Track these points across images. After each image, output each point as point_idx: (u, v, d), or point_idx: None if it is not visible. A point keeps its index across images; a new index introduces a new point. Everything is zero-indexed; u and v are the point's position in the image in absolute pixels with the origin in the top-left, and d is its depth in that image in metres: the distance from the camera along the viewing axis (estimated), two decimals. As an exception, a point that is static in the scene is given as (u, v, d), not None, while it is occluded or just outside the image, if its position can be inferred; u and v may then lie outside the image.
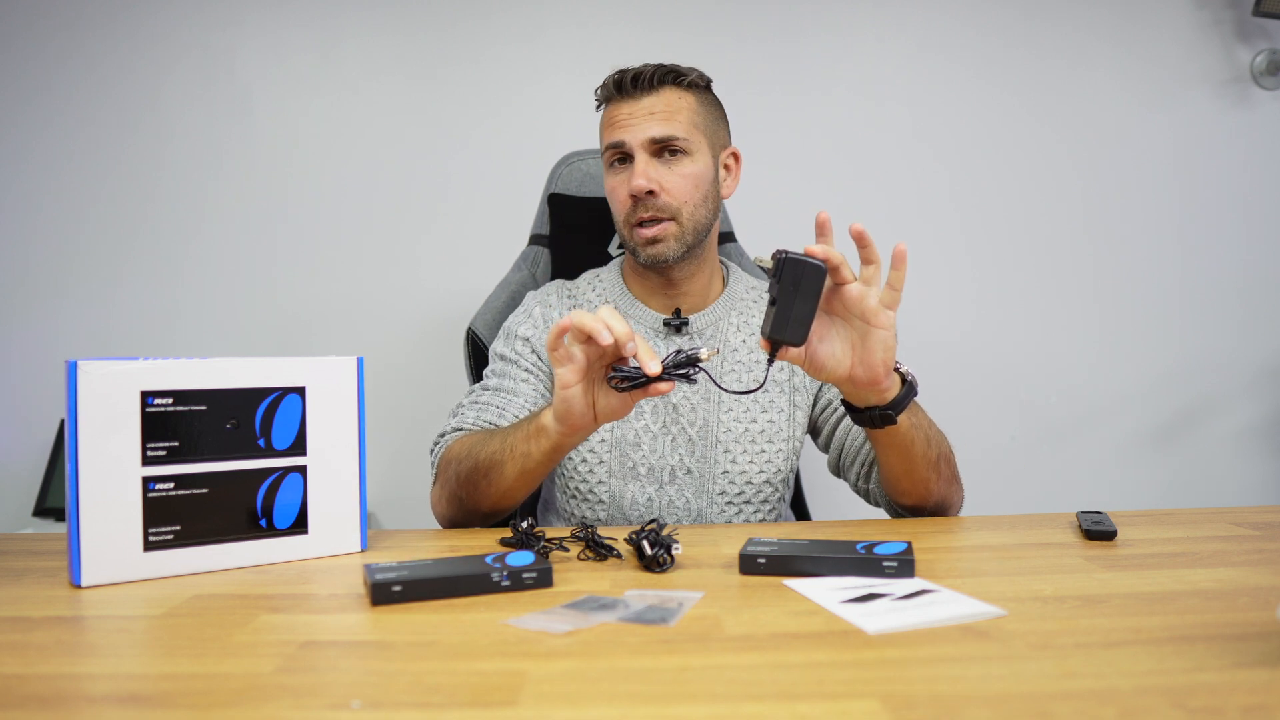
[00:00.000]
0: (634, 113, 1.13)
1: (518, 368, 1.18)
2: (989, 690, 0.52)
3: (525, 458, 0.96)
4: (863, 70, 2.09)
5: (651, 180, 1.11)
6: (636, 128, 1.12)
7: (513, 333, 1.21)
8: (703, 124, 1.16)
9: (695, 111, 1.15)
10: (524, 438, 0.96)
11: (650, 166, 1.12)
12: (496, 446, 0.99)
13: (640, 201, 1.12)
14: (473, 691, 0.53)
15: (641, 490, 1.15)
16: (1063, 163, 2.12)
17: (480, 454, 1.00)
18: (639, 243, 1.14)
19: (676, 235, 1.13)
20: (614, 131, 1.14)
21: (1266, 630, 0.61)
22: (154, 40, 2.00)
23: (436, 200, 2.04)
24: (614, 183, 1.16)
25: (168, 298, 2.01)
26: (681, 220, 1.13)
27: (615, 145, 1.14)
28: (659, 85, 1.13)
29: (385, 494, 1.91)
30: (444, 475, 1.06)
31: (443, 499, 1.07)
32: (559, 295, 1.24)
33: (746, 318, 1.23)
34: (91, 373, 0.76)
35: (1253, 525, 0.98)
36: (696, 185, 1.14)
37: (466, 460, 1.02)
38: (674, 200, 1.12)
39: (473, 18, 2.03)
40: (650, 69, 1.13)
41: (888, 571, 0.76)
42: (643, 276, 1.21)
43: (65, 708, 0.51)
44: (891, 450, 1.01)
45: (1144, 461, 2.14)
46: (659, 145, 1.12)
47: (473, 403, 1.16)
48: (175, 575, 0.79)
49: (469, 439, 1.05)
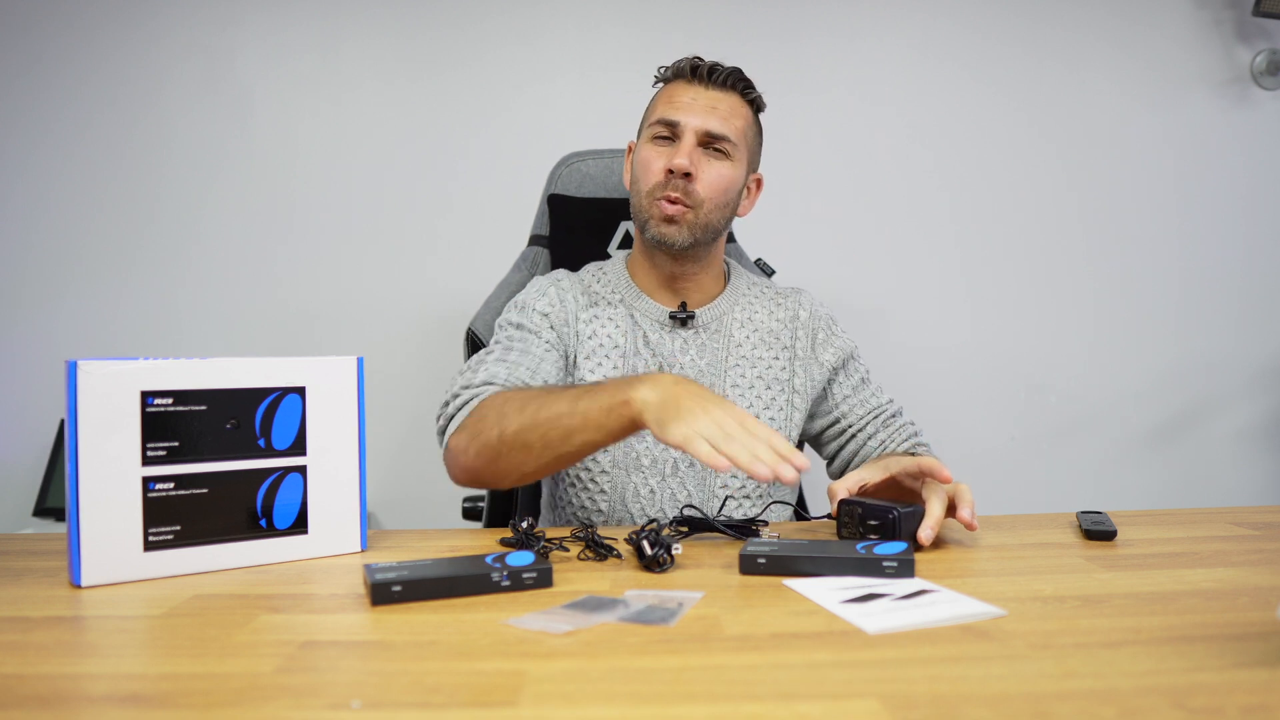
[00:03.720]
0: (698, 99, 1.14)
1: (538, 339, 1.15)
2: (989, 690, 0.52)
3: (599, 430, 0.91)
4: (862, 71, 2.09)
5: (693, 164, 1.12)
6: (697, 114, 1.13)
7: (529, 306, 1.19)
8: (748, 140, 1.18)
9: (748, 125, 1.18)
10: (603, 410, 0.91)
11: (695, 153, 1.13)
12: (564, 409, 0.93)
13: (673, 179, 1.12)
14: (473, 691, 0.53)
15: (644, 482, 1.16)
16: (1062, 163, 2.12)
17: (541, 414, 0.94)
18: (655, 215, 1.14)
19: (691, 224, 1.13)
20: (673, 109, 1.14)
21: (1266, 630, 0.61)
22: (155, 41, 2.00)
23: (436, 201, 2.04)
24: (651, 154, 1.15)
25: (168, 298, 2.01)
26: (701, 213, 1.14)
27: (669, 122, 1.14)
28: (729, 86, 1.16)
29: (385, 494, 1.91)
30: (481, 426, 0.98)
31: (476, 452, 0.99)
32: (570, 283, 1.22)
33: (750, 313, 1.23)
34: (91, 373, 0.76)
35: (1253, 525, 0.98)
36: (726, 189, 1.15)
37: (520, 415, 0.95)
38: (702, 192, 1.13)
39: (473, 18, 2.03)
40: (727, 68, 1.16)
41: (888, 572, 0.76)
42: (649, 269, 1.21)
43: (65, 708, 0.51)
44: None
45: (1144, 461, 2.14)
46: (710, 139, 1.13)
47: (499, 360, 1.09)
48: (175, 575, 0.79)
49: (519, 394, 0.99)
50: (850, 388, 1.23)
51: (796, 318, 1.23)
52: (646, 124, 1.19)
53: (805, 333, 1.23)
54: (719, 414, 0.85)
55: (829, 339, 1.24)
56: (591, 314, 1.19)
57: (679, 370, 1.17)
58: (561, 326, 1.17)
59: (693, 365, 1.17)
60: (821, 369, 1.22)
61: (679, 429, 0.84)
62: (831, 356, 1.22)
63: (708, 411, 0.85)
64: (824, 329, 1.24)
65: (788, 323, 1.23)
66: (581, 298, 1.21)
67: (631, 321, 1.19)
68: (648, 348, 1.18)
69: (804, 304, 1.25)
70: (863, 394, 1.23)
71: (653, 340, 1.18)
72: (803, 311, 1.24)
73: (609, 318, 1.19)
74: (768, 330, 1.22)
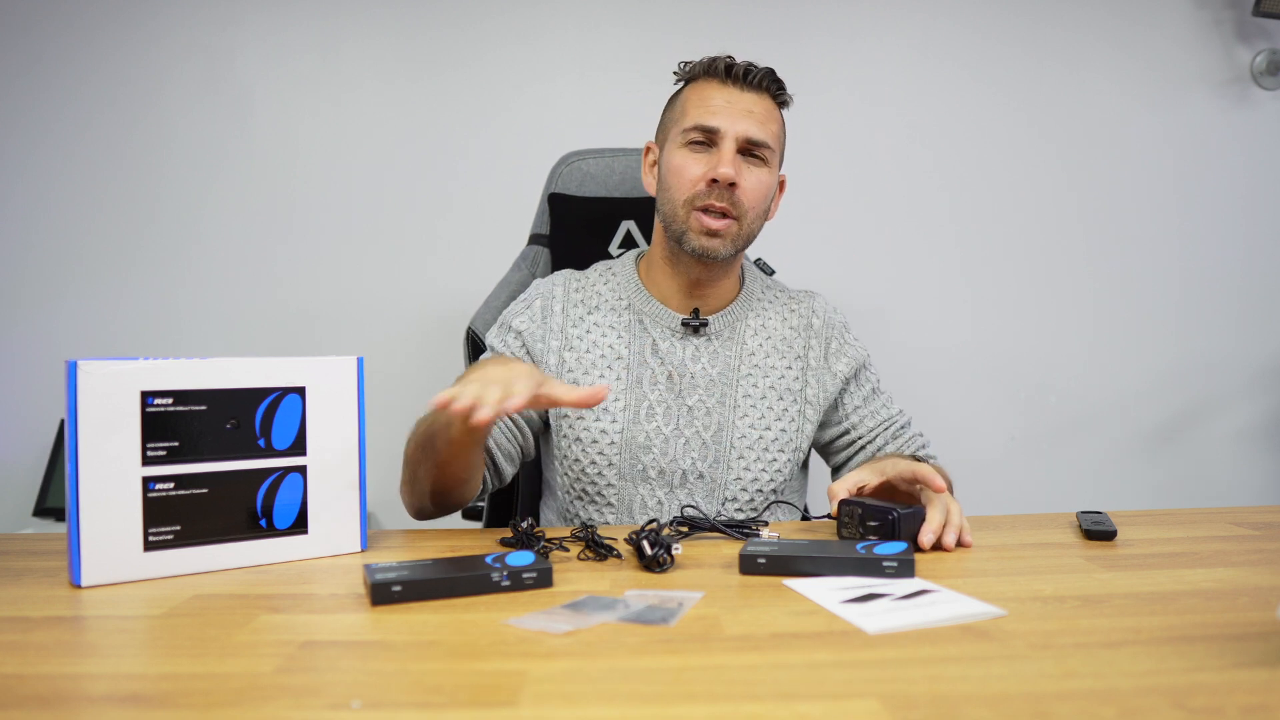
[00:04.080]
0: (734, 102, 1.11)
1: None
2: (989, 690, 0.52)
3: (447, 428, 0.92)
4: (862, 71, 2.09)
5: (737, 173, 1.09)
6: (737, 120, 1.10)
7: (507, 324, 1.19)
8: (780, 143, 1.16)
9: (780, 128, 1.16)
10: (433, 409, 0.91)
11: (736, 161, 1.10)
12: (424, 417, 0.98)
13: (717, 189, 1.09)
14: (473, 691, 0.53)
15: (651, 493, 1.14)
16: (1062, 163, 2.12)
17: (418, 430, 1.00)
18: (698, 229, 1.10)
19: (734, 236, 1.11)
20: (711, 115, 1.10)
21: (1266, 630, 0.61)
22: (155, 41, 2.00)
23: (436, 200, 2.04)
24: (689, 161, 1.11)
25: (168, 298, 2.01)
26: (744, 224, 1.12)
27: (708, 129, 1.10)
28: (763, 88, 1.13)
29: (385, 494, 1.90)
30: (404, 462, 1.05)
31: (403, 485, 1.06)
32: (565, 290, 1.20)
33: (764, 320, 1.21)
34: (91, 373, 0.76)
35: (1253, 525, 0.98)
36: (764, 197, 1.13)
37: (412, 438, 1.02)
38: (746, 201, 1.11)
39: (473, 18, 2.03)
40: (762, 69, 1.12)
41: (888, 572, 0.76)
42: (670, 275, 1.17)
43: (65, 708, 0.51)
44: None
45: (1144, 461, 2.14)
46: (750, 146, 1.11)
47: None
48: (175, 575, 0.79)
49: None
50: (861, 398, 1.21)
51: (810, 325, 1.21)
52: (677, 126, 1.13)
53: (819, 341, 1.20)
54: (489, 373, 0.86)
55: (841, 348, 1.21)
56: (590, 322, 1.17)
57: (690, 380, 1.15)
58: (536, 344, 1.16)
59: (704, 374, 1.15)
60: (834, 379, 1.20)
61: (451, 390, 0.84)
62: (844, 367, 1.20)
63: (482, 370, 0.89)
64: (836, 338, 1.22)
65: (801, 330, 1.20)
66: (577, 307, 1.18)
67: (640, 328, 1.17)
68: (656, 356, 1.15)
69: (817, 310, 1.22)
70: (873, 405, 1.21)
71: (662, 348, 1.15)
72: (815, 319, 1.22)
73: (610, 325, 1.17)
74: (781, 338, 1.20)
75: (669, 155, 1.14)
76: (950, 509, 0.92)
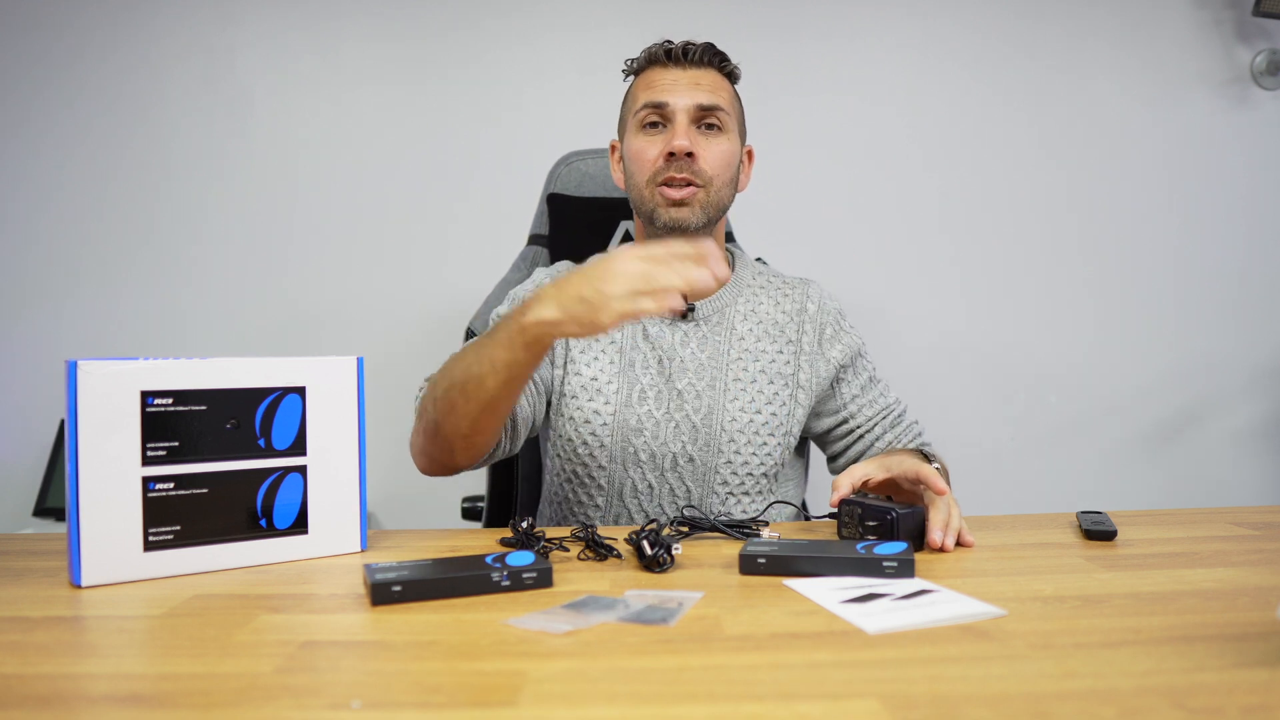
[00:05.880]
0: (679, 80, 1.13)
1: None
2: (989, 690, 0.52)
3: (509, 367, 0.90)
4: (862, 71, 2.09)
5: (693, 143, 1.11)
6: (683, 93, 1.12)
7: (518, 297, 1.21)
8: (736, 111, 1.18)
9: (733, 97, 1.18)
10: (502, 345, 0.90)
11: (691, 131, 1.12)
12: (472, 359, 0.94)
13: (676, 161, 1.11)
14: (473, 691, 0.53)
15: (642, 477, 1.15)
16: (1062, 163, 2.12)
17: (456, 372, 0.96)
18: (663, 202, 1.12)
19: (702, 204, 1.13)
20: (656, 92, 1.13)
21: (1266, 630, 0.61)
22: (155, 41, 2.00)
23: (436, 200, 2.04)
24: (644, 143, 1.13)
25: (168, 298, 2.01)
26: (710, 191, 1.13)
27: (657, 105, 1.12)
28: (706, 63, 1.15)
29: (385, 494, 1.91)
30: (422, 409, 1.02)
31: (422, 432, 1.02)
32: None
33: (754, 304, 1.21)
34: (91, 373, 0.76)
35: (1253, 525, 0.98)
36: (728, 163, 1.15)
37: (443, 380, 0.98)
38: (708, 169, 1.12)
39: (472, 19, 2.03)
40: (701, 45, 1.15)
41: (888, 572, 0.76)
42: None
43: (65, 708, 0.51)
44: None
45: (1144, 461, 2.14)
46: (702, 114, 1.12)
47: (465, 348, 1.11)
48: (175, 575, 0.79)
49: (444, 365, 1.01)
50: (859, 387, 1.21)
51: (804, 310, 1.21)
52: (630, 115, 1.17)
53: (813, 326, 1.20)
54: (620, 267, 0.82)
55: (837, 334, 1.21)
56: None
57: (679, 364, 1.16)
58: None
59: (693, 358, 1.16)
60: (829, 365, 1.20)
61: (607, 310, 0.81)
62: (839, 353, 1.20)
63: (612, 273, 0.82)
64: (832, 324, 1.22)
65: (794, 315, 1.21)
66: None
67: None
68: (646, 341, 1.17)
69: (812, 296, 1.23)
70: (871, 394, 1.22)
71: (652, 333, 1.17)
72: (810, 304, 1.22)
73: None
74: (772, 322, 1.20)
75: (628, 143, 1.17)
76: (951, 510, 0.92)
